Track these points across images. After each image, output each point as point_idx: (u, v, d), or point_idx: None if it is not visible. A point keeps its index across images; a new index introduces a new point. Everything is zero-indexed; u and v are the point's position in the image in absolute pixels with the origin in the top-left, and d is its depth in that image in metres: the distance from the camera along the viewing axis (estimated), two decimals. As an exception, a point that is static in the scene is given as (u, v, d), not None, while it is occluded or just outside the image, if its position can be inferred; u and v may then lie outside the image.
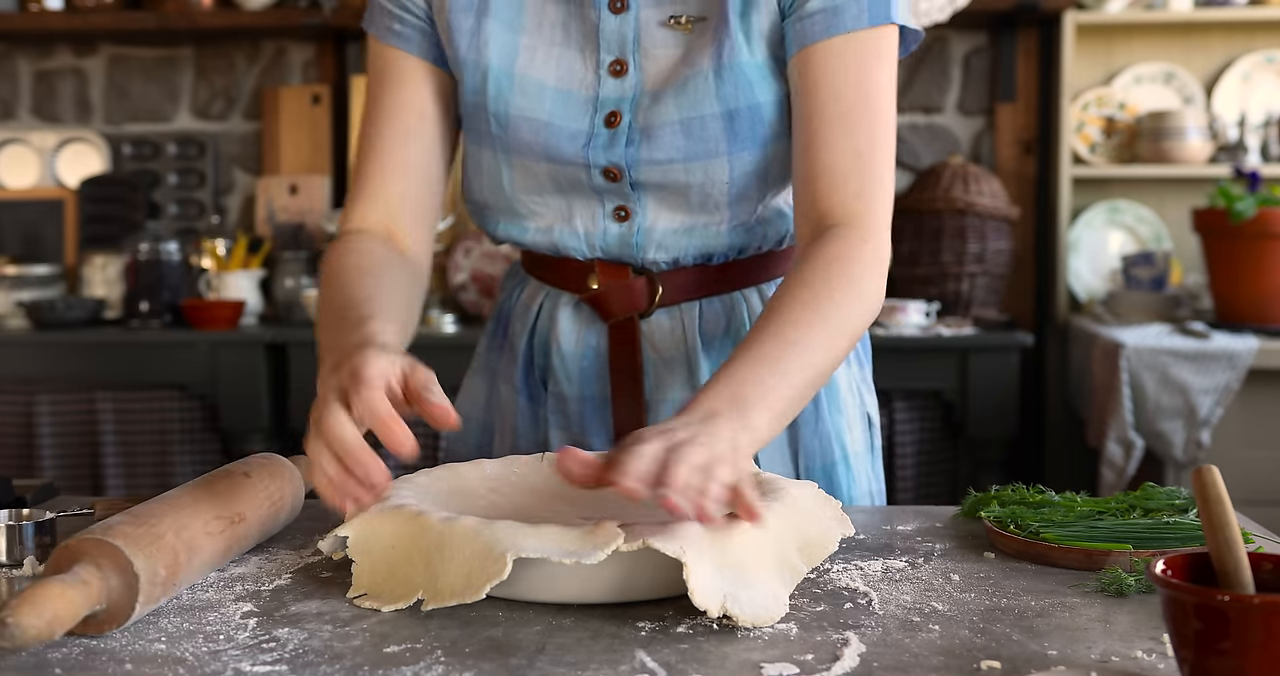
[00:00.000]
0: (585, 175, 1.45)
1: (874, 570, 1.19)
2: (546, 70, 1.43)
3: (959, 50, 4.13)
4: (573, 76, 1.43)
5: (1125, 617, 1.06)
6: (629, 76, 1.43)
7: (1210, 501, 0.88)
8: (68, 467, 3.73)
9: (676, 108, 1.41)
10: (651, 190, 1.45)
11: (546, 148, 1.44)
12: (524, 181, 1.48)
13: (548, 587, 1.06)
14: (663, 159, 1.43)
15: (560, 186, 1.47)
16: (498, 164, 1.48)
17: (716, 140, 1.41)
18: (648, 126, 1.42)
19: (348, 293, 1.35)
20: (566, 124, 1.43)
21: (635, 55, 1.42)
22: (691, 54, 1.41)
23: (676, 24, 1.42)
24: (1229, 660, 0.82)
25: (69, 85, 4.35)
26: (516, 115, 1.43)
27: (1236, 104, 4.06)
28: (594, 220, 1.48)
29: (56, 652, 0.98)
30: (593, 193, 1.47)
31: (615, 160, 1.43)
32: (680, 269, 1.51)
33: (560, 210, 1.49)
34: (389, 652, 0.97)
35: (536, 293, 1.58)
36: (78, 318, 3.79)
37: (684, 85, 1.40)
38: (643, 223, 1.47)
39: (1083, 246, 4.08)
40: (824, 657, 0.96)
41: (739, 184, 1.44)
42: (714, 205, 1.46)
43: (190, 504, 1.13)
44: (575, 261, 1.52)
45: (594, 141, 1.43)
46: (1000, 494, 1.39)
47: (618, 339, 1.52)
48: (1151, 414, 3.34)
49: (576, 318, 1.54)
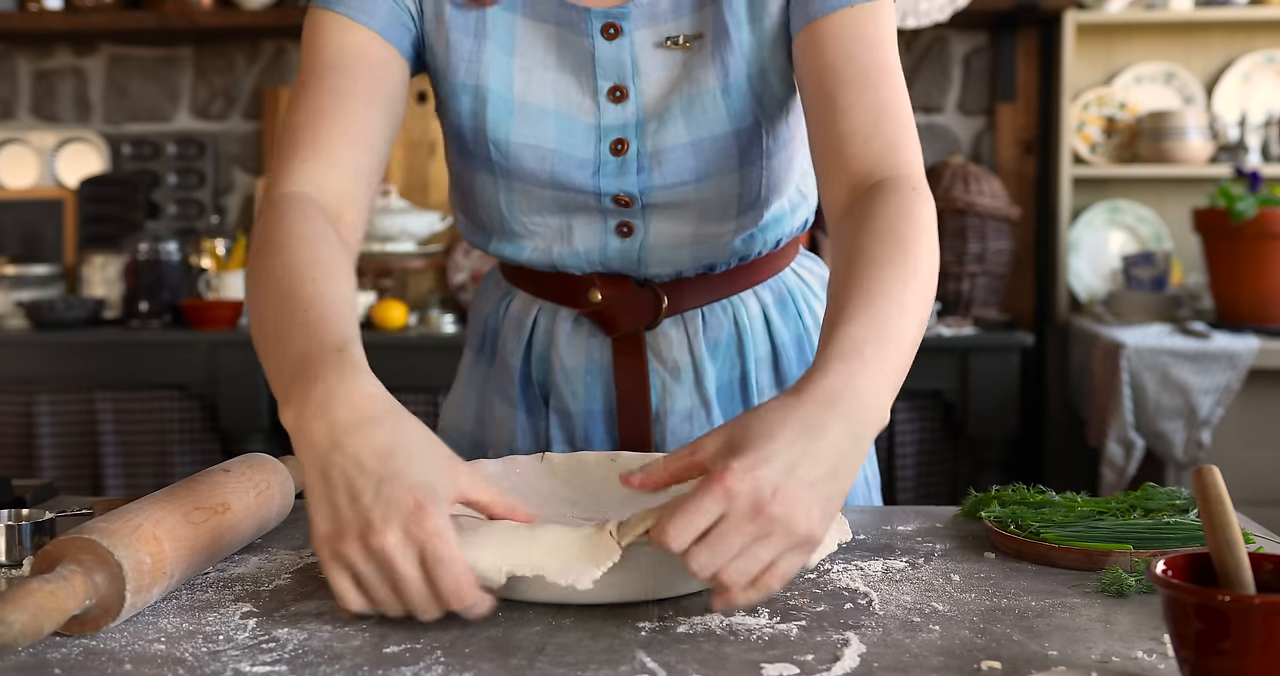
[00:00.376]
0: (595, 202, 1.42)
1: (874, 570, 1.19)
2: (544, 95, 1.38)
3: (959, 50, 4.13)
4: (571, 102, 1.39)
5: (1126, 618, 1.05)
6: (629, 103, 1.38)
7: (1211, 501, 0.88)
8: (67, 468, 3.72)
9: (686, 129, 1.37)
10: (660, 209, 1.43)
11: (554, 175, 1.40)
12: (525, 204, 1.44)
13: (547, 589, 1.06)
14: (674, 182, 1.40)
15: (564, 207, 1.43)
16: (495, 188, 1.44)
17: (727, 157, 1.39)
18: (657, 151, 1.38)
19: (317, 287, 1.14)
20: (573, 152, 1.39)
21: (635, 81, 1.38)
22: (694, 72, 1.37)
23: (674, 45, 1.38)
24: (1229, 660, 0.82)
25: (68, 85, 4.34)
26: (519, 142, 1.39)
27: (1237, 104, 4.05)
28: (595, 236, 1.45)
29: (56, 653, 0.97)
30: (597, 213, 1.44)
31: (628, 189, 1.40)
32: (683, 279, 1.49)
33: (559, 229, 1.46)
34: (389, 653, 0.97)
35: (529, 306, 1.54)
36: (77, 317, 3.78)
37: (691, 105, 1.37)
38: (646, 239, 1.45)
39: (1083, 246, 4.07)
40: (824, 658, 0.96)
41: (749, 196, 1.43)
42: (722, 218, 1.44)
43: (166, 499, 1.12)
44: (573, 276, 1.49)
45: (603, 170, 1.39)
46: (1000, 494, 1.38)
47: (622, 352, 1.50)
48: (1152, 414, 3.33)
49: (577, 332, 1.51)
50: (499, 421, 1.56)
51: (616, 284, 1.48)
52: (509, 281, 1.57)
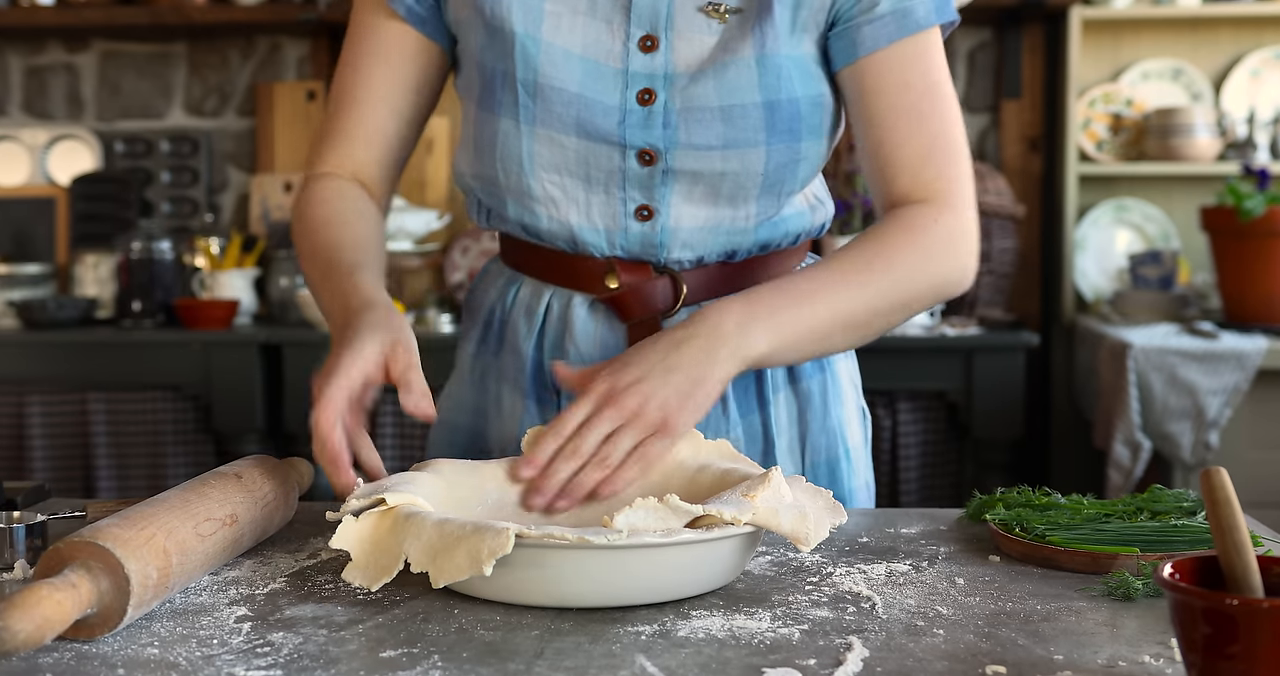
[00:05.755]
0: (619, 156, 1.41)
1: (877, 573, 1.19)
2: (573, 38, 1.40)
3: (964, 46, 4.13)
4: (599, 47, 1.39)
5: (1132, 622, 1.06)
6: (659, 53, 1.39)
7: (1218, 504, 0.87)
8: (59, 469, 3.73)
9: (717, 93, 1.39)
10: (682, 180, 1.42)
11: (580, 121, 1.40)
12: (548, 157, 1.43)
13: (547, 589, 1.06)
14: (701, 144, 1.40)
15: (586, 168, 1.42)
16: (519, 136, 1.43)
17: (756, 129, 1.40)
18: (686, 109, 1.39)
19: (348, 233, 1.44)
20: (599, 98, 1.39)
21: (668, 33, 1.39)
22: (730, 43, 1.39)
23: (714, 11, 1.39)
24: (1238, 664, 0.82)
25: (60, 81, 4.33)
26: (545, 84, 1.40)
27: (1245, 100, 4.05)
28: (614, 218, 1.44)
29: (48, 657, 0.97)
30: (617, 186, 1.43)
31: (653, 142, 1.40)
32: (703, 267, 1.48)
33: (578, 199, 1.44)
34: (385, 657, 0.97)
35: (540, 292, 1.52)
36: (69, 317, 3.79)
37: (723, 71, 1.38)
38: (666, 222, 1.44)
39: (1089, 245, 4.06)
40: (826, 662, 0.96)
41: (772, 177, 1.43)
42: (743, 197, 1.44)
43: (181, 505, 1.12)
44: (592, 258, 1.47)
45: (629, 118, 1.40)
46: (1005, 496, 1.39)
47: (639, 339, 1.46)
48: (1159, 415, 3.34)
49: (593, 318, 1.49)
50: (507, 412, 1.54)
51: (635, 269, 1.47)
52: (515, 268, 1.56)
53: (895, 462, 3.57)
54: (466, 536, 1.03)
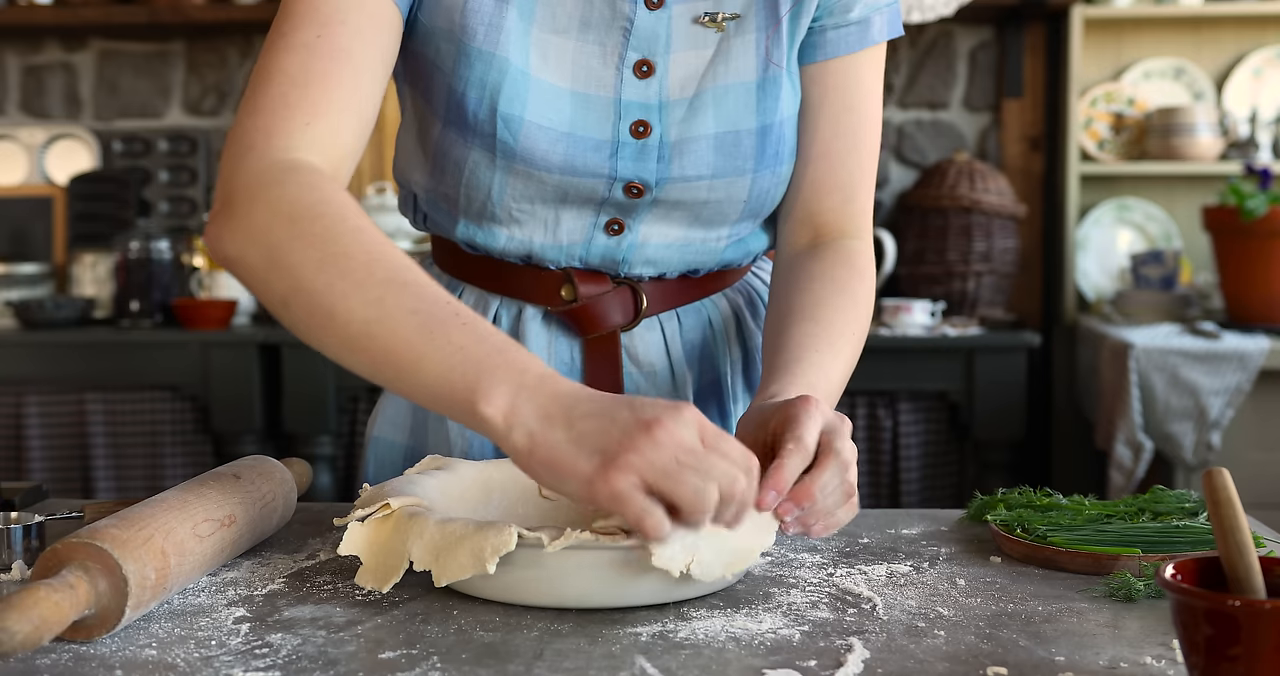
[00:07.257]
0: (605, 188, 1.33)
1: (878, 574, 1.19)
2: (561, 71, 1.30)
3: (965, 45, 4.12)
4: (590, 76, 1.31)
5: (1134, 623, 1.05)
6: (654, 80, 1.32)
7: (1221, 504, 0.87)
8: (57, 470, 3.72)
9: (715, 121, 1.33)
10: (664, 206, 1.36)
11: (567, 159, 1.30)
12: (522, 189, 1.33)
13: (547, 590, 1.06)
14: (692, 176, 1.34)
15: (563, 195, 1.34)
16: (491, 169, 1.32)
17: (746, 157, 1.34)
18: (681, 140, 1.32)
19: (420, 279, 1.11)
20: (589, 134, 1.31)
21: (665, 57, 1.32)
22: (730, 58, 1.33)
23: (710, 22, 1.32)
24: (1240, 666, 0.82)
25: (58, 80, 4.32)
26: (532, 122, 1.29)
27: (1247, 100, 4.04)
28: (582, 231, 1.36)
29: (45, 658, 0.97)
30: (593, 205, 1.35)
31: (644, 176, 1.33)
32: (663, 280, 1.42)
33: (545, 220, 1.36)
34: (384, 658, 0.97)
35: (484, 302, 1.43)
36: (67, 317, 3.77)
37: (724, 96, 1.32)
38: (634, 239, 1.37)
39: (1091, 245, 4.06)
40: (827, 663, 0.95)
41: (754, 203, 1.38)
42: (720, 221, 1.39)
43: (179, 506, 1.12)
44: (546, 270, 1.39)
45: (621, 152, 1.32)
46: (1007, 497, 1.38)
47: (596, 354, 1.41)
48: (1161, 415, 3.34)
49: (546, 332, 1.42)
50: (451, 429, 1.44)
51: (593, 280, 1.40)
52: (453, 276, 1.46)
53: (896, 463, 3.56)
54: (469, 535, 1.04)
